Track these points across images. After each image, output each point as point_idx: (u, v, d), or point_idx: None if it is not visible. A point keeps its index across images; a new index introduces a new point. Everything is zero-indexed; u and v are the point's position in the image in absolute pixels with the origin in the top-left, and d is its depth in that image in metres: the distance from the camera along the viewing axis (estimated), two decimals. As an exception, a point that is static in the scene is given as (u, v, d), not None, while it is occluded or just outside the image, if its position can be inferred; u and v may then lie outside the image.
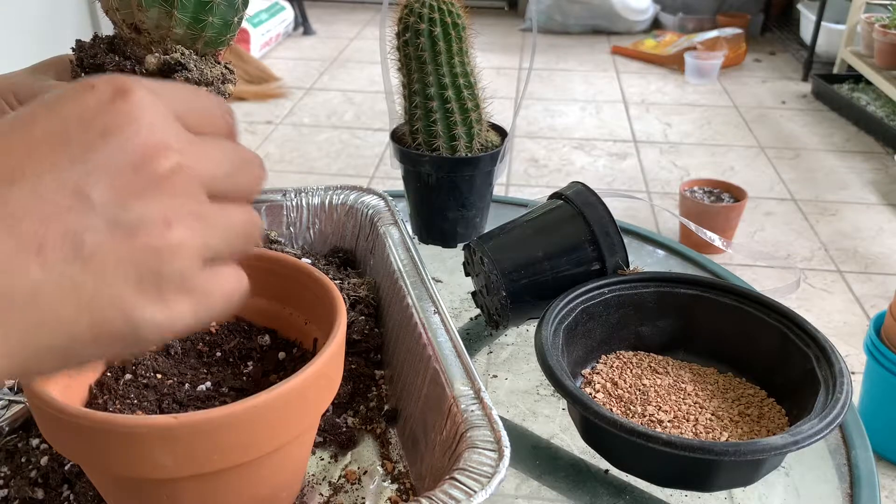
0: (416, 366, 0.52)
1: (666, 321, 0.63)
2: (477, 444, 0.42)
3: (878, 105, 2.93)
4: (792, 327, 0.58)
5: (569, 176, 2.52)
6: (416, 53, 0.72)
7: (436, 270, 0.79)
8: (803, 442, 0.46)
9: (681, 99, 3.23)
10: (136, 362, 0.47)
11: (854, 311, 1.89)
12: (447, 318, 0.53)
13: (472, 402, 0.45)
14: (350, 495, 0.49)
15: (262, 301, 0.51)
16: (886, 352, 1.35)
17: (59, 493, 0.47)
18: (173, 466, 0.36)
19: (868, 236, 2.21)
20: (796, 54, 3.71)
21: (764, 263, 2.01)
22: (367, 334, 0.59)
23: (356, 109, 3.06)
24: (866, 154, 2.72)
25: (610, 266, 0.64)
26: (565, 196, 0.67)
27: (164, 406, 0.46)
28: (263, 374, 0.50)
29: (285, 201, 0.72)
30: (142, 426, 0.35)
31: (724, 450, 0.46)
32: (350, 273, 0.68)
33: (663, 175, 2.55)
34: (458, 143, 0.75)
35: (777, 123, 2.99)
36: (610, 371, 0.60)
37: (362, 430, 0.54)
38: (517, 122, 0.79)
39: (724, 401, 0.57)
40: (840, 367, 0.52)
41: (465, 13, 0.73)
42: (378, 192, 0.73)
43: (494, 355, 0.68)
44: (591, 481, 0.54)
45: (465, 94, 0.74)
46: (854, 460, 0.56)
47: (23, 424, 0.51)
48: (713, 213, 2.08)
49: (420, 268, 0.60)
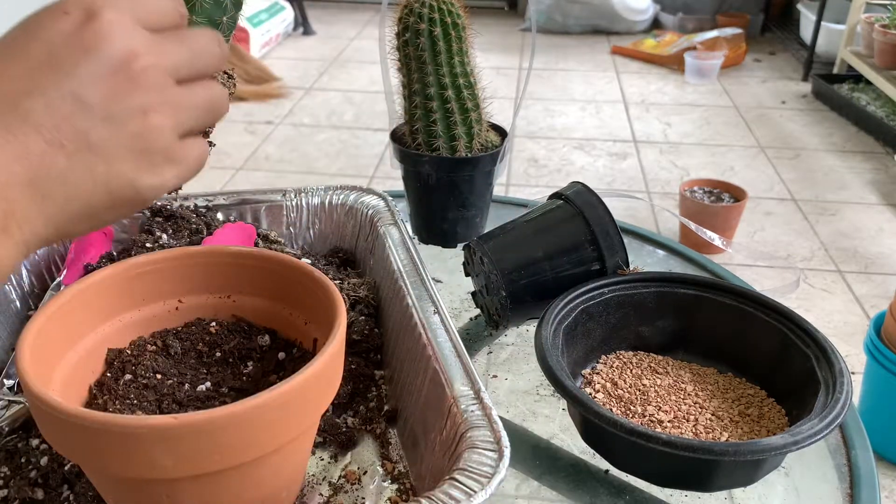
0: (416, 366, 0.52)
1: (666, 321, 0.63)
2: (477, 445, 0.42)
3: (878, 105, 2.93)
4: (792, 327, 0.58)
5: (569, 176, 2.52)
6: (416, 53, 0.72)
7: (436, 270, 0.79)
8: (803, 442, 0.46)
9: (681, 99, 3.23)
10: (135, 363, 0.47)
11: (854, 311, 1.89)
12: (447, 318, 0.53)
13: (471, 402, 0.45)
14: (350, 495, 0.49)
15: (262, 301, 0.51)
16: (886, 352, 1.35)
17: (59, 494, 0.47)
18: (173, 466, 0.36)
19: (868, 236, 2.21)
20: (796, 54, 3.71)
21: (764, 263, 2.01)
22: (367, 334, 0.59)
23: (356, 109, 3.06)
24: (866, 154, 2.72)
25: (610, 266, 0.64)
26: (565, 196, 0.67)
27: (164, 406, 0.46)
28: (263, 374, 0.50)
29: (285, 201, 0.72)
30: (142, 426, 0.35)
31: (724, 450, 0.46)
32: (350, 273, 0.68)
33: (663, 175, 2.55)
34: (458, 143, 0.75)
35: (777, 123, 2.99)
36: (610, 371, 0.60)
37: (362, 430, 0.54)
38: (517, 122, 0.79)
39: (724, 401, 0.57)
40: (840, 367, 0.52)
41: (465, 13, 0.73)
42: (378, 192, 0.73)
43: (494, 355, 0.68)
44: (591, 481, 0.54)
45: (465, 94, 0.74)
46: (854, 460, 0.56)
47: (23, 424, 0.51)
48: (713, 213, 2.08)
49: (420, 268, 0.60)
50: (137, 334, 0.49)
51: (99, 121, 0.32)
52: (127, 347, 0.48)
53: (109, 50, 0.33)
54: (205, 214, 0.70)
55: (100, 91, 0.32)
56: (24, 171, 0.31)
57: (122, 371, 0.47)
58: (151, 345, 0.49)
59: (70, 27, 0.32)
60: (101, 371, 0.47)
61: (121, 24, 0.33)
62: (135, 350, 0.48)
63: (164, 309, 0.50)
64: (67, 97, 0.32)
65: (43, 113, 0.31)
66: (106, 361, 0.47)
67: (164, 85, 0.34)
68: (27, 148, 0.31)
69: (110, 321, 0.48)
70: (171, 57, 0.35)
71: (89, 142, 0.32)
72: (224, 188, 2.12)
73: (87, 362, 0.46)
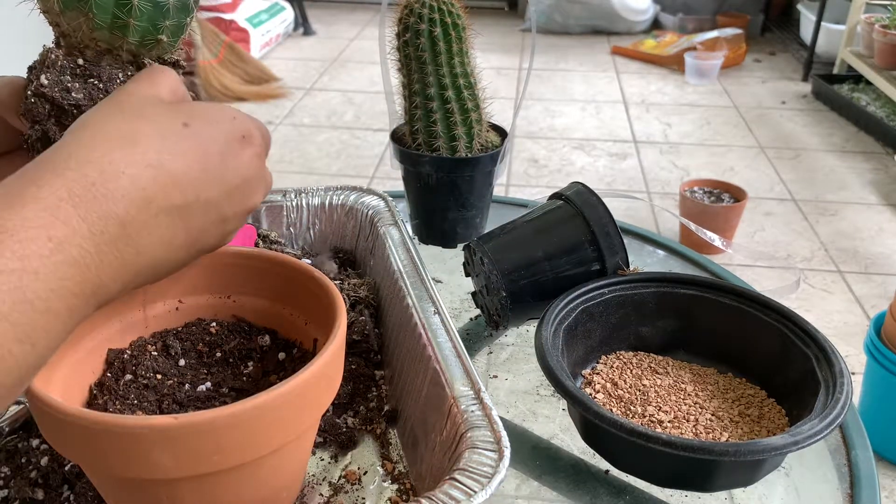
0: (416, 366, 0.52)
1: (666, 321, 0.63)
2: (477, 445, 0.42)
3: (878, 105, 2.93)
4: (792, 327, 0.58)
5: (569, 176, 2.52)
6: (416, 54, 0.72)
7: (436, 271, 0.79)
8: (803, 442, 0.46)
9: (681, 99, 3.23)
10: (136, 363, 0.47)
11: (854, 311, 1.89)
12: (447, 318, 0.53)
13: (472, 402, 0.45)
14: (350, 495, 0.49)
15: (262, 301, 0.51)
16: (886, 352, 1.35)
17: (59, 494, 0.47)
18: (173, 467, 0.36)
19: (868, 236, 2.21)
20: (796, 54, 3.71)
21: (764, 263, 2.01)
22: (367, 334, 0.59)
23: (356, 110, 3.06)
24: (866, 154, 2.72)
25: (610, 266, 0.64)
26: (565, 196, 0.67)
27: (164, 406, 0.46)
28: (263, 374, 0.50)
29: (285, 202, 0.72)
30: (142, 427, 0.35)
31: (724, 450, 0.46)
32: (350, 273, 0.68)
33: (663, 175, 2.55)
34: (458, 143, 0.75)
35: (777, 123, 2.99)
36: (610, 371, 0.60)
37: (362, 430, 0.54)
38: (517, 122, 0.79)
39: (724, 401, 0.57)
40: (840, 367, 0.52)
41: (465, 13, 0.73)
42: (378, 192, 0.73)
43: (494, 356, 0.68)
44: (591, 481, 0.54)
45: (465, 95, 0.74)
46: (854, 460, 0.56)
47: (23, 425, 0.51)
48: (713, 213, 2.08)
49: (420, 268, 0.60)
50: (138, 334, 0.49)
51: (229, 229, 0.41)
52: (127, 347, 0.48)
53: (266, 181, 0.43)
54: (205, 215, 0.69)
55: (248, 203, 0.42)
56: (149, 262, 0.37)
57: (123, 371, 0.47)
58: (152, 345, 0.49)
59: (256, 160, 0.41)
60: (102, 371, 0.47)
61: (263, 152, 0.43)
62: (135, 350, 0.48)
63: (165, 309, 0.50)
64: (230, 218, 0.40)
65: (207, 233, 0.39)
66: (106, 361, 0.47)
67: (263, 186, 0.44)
68: (172, 243, 0.37)
69: (110, 321, 0.48)
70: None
71: (210, 244, 0.40)
72: (224, 188, 2.11)
73: (87, 362, 0.46)
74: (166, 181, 0.36)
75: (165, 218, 0.36)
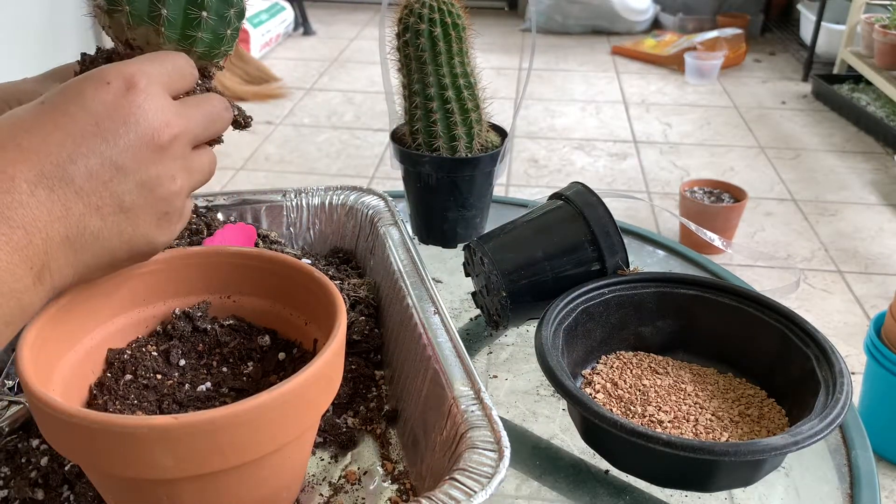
0: (416, 366, 0.52)
1: (666, 321, 0.63)
2: (477, 445, 0.42)
3: (878, 105, 2.93)
4: (792, 327, 0.57)
5: (569, 176, 2.52)
6: (416, 54, 0.72)
7: (436, 271, 0.79)
8: (803, 442, 0.46)
9: (681, 99, 3.23)
10: (136, 363, 0.47)
11: (854, 311, 1.89)
12: (447, 318, 0.53)
13: (472, 402, 0.45)
14: (350, 495, 0.49)
15: (262, 301, 0.52)
16: (886, 352, 1.35)
17: (59, 494, 0.47)
18: (173, 467, 0.36)
19: (868, 236, 2.21)
20: (796, 54, 3.71)
21: (764, 264, 2.01)
22: (367, 334, 0.59)
23: (356, 110, 3.06)
24: (866, 154, 2.72)
25: (610, 266, 0.64)
26: (565, 196, 0.67)
27: (164, 406, 0.46)
28: (263, 374, 0.50)
29: (285, 202, 0.72)
30: (142, 427, 0.35)
31: (724, 450, 0.46)
32: (350, 273, 0.68)
33: (663, 175, 2.55)
34: (458, 143, 0.75)
35: (777, 124, 2.99)
36: (610, 371, 0.60)
37: (362, 430, 0.54)
38: (517, 122, 0.79)
39: (724, 401, 0.57)
40: (840, 367, 0.52)
41: (465, 13, 0.73)
42: (378, 192, 0.73)
43: (494, 356, 0.68)
44: (591, 482, 0.54)
45: (465, 95, 0.74)
46: (854, 460, 0.56)
47: (23, 425, 0.51)
48: (713, 213, 2.08)
49: (420, 268, 0.60)
50: (138, 334, 0.49)
51: (133, 186, 0.37)
52: (127, 348, 0.48)
53: (145, 122, 0.37)
54: (205, 215, 0.70)
55: (136, 159, 0.37)
56: (62, 230, 0.35)
57: (123, 371, 0.47)
58: (152, 345, 0.49)
59: (111, 97, 0.36)
60: (102, 371, 0.47)
61: (155, 95, 0.38)
62: (135, 350, 0.48)
63: (165, 309, 0.50)
64: (108, 165, 0.36)
65: (85, 179, 0.35)
66: (106, 361, 0.47)
67: (186, 152, 0.40)
68: (68, 209, 0.35)
69: (110, 321, 0.48)
70: (192, 125, 0.40)
71: (122, 205, 0.37)
72: (224, 188, 2.12)
73: (87, 362, 0.46)
74: (27, 157, 0.34)
75: (44, 192, 0.34)
